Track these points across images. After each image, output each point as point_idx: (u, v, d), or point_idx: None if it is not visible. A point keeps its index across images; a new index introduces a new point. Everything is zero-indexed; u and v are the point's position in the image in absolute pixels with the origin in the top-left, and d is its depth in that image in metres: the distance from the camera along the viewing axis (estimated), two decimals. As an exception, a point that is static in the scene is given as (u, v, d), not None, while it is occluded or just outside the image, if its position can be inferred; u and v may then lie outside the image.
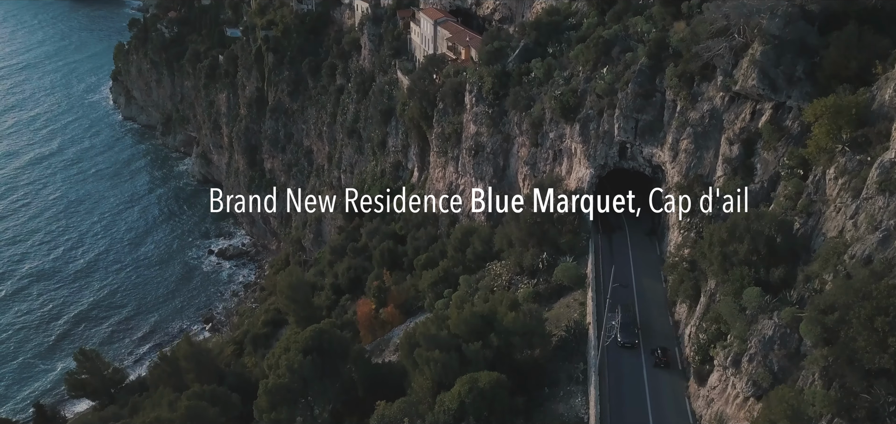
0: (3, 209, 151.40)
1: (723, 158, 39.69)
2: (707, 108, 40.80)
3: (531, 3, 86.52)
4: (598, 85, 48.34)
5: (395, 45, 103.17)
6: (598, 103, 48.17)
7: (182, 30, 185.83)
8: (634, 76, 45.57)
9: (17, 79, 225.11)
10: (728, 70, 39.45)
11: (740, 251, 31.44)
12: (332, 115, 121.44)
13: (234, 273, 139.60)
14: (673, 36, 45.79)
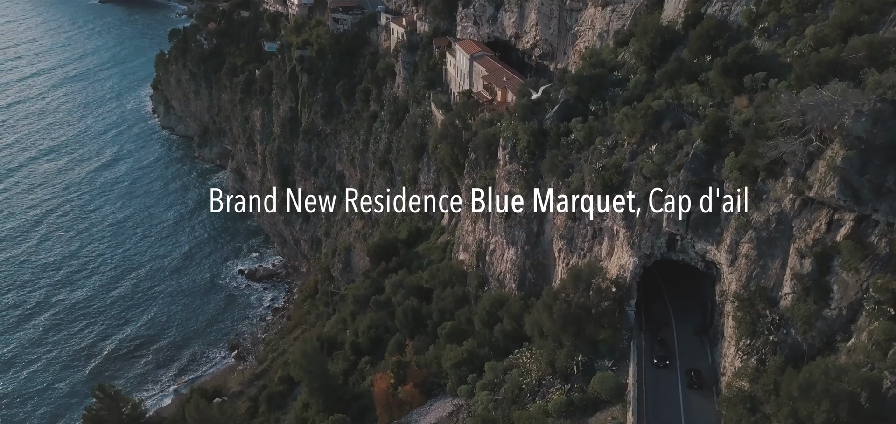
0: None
1: (792, 272, 33.99)
2: (773, 211, 35.12)
3: (573, 42, 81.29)
4: (646, 164, 42.90)
5: (429, 75, 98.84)
6: (645, 186, 42.74)
7: (221, 42, 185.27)
8: (688, 161, 40.05)
9: (71, 88, 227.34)
10: (801, 171, 33.77)
11: (817, 417, 25.96)
12: (365, 142, 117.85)
13: (263, 296, 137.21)
14: (734, 117, 40.10)
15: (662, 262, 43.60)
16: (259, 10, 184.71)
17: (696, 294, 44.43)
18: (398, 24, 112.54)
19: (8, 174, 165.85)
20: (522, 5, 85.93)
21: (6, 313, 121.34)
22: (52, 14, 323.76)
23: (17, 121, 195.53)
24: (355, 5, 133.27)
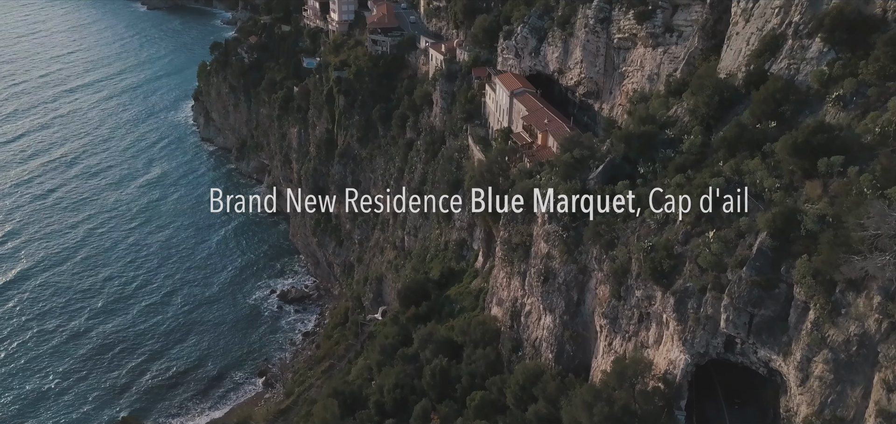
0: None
1: (877, 407, 29.16)
2: (855, 331, 30.33)
3: (620, 81, 76.67)
4: (702, 253, 38.32)
5: (467, 107, 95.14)
6: (701, 278, 38.17)
7: (261, 56, 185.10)
8: (751, 257, 35.40)
9: (117, 100, 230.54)
10: (889, 291, 28.99)
11: None
12: (400, 170, 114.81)
13: (295, 318, 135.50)
14: (806, 208, 35.32)
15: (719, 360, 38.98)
16: (299, 25, 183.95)
17: (757, 397, 39.63)
18: (437, 51, 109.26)
19: (51, 191, 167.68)
20: (567, 41, 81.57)
21: (45, 336, 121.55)
22: (98, 20, 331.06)
23: (66, 134, 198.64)
24: (395, 27, 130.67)
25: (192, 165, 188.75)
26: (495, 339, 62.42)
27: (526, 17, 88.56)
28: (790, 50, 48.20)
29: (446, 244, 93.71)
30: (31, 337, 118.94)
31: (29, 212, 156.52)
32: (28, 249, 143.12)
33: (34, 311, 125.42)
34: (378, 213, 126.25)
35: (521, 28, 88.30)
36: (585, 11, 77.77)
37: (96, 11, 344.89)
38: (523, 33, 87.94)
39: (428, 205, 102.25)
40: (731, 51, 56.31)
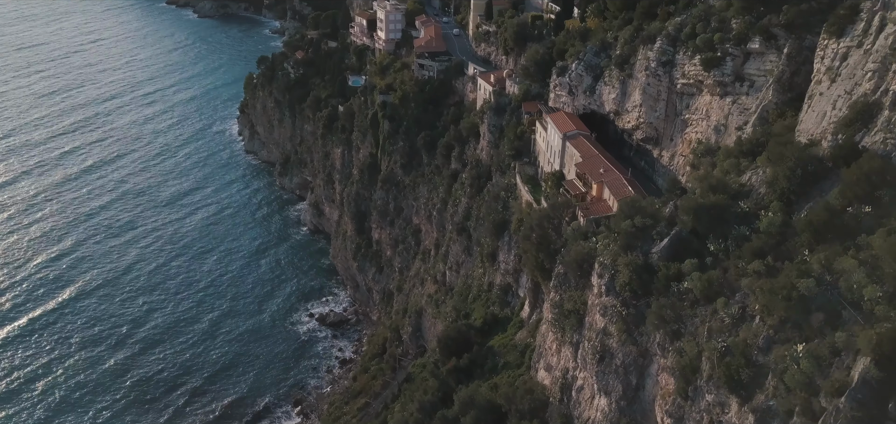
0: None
1: None
2: None
3: (683, 129, 71.69)
4: (789, 370, 33.59)
5: (516, 144, 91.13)
6: (787, 398, 33.40)
7: (307, 72, 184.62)
8: (852, 387, 30.60)
9: (169, 110, 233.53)
10: None
11: None
12: (444, 201, 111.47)
13: (332, 344, 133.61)
14: (920, 331, 30.34)
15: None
16: (346, 42, 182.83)
17: None
18: (486, 81, 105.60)
19: (103, 208, 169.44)
20: (625, 82, 76.87)
21: (89, 351, 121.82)
22: (151, 29, 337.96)
23: (119, 148, 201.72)
24: (443, 51, 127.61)
25: (236, 180, 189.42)
26: (542, 411, 58.22)
27: (581, 53, 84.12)
28: (887, 122, 42.87)
29: (490, 285, 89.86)
30: (77, 363, 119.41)
31: (81, 229, 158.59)
32: (79, 268, 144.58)
33: (82, 336, 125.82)
34: (419, 243, 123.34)
35: (575, 65, 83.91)
36: (647, 53, 73.00)
37: (149, 19, 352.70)
38: (578, 71, 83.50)
39: (471, 242, 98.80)
40: (813, 113, 51.02)
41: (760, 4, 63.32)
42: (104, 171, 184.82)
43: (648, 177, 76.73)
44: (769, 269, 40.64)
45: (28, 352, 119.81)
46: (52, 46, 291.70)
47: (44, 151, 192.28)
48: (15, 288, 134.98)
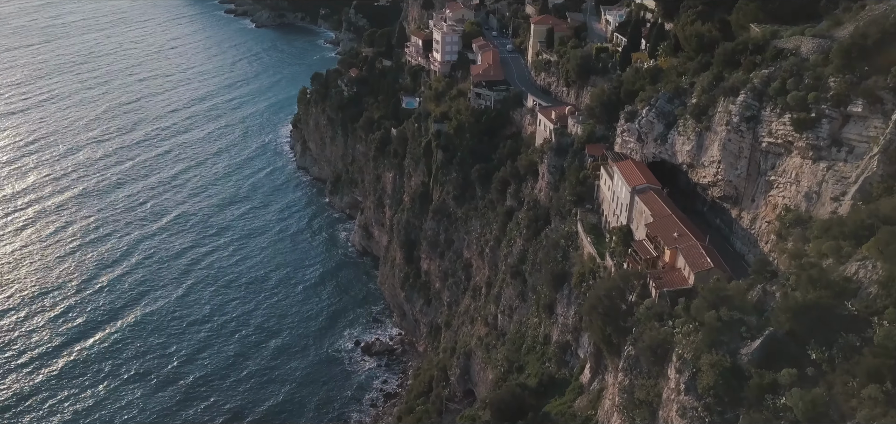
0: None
1: None
2: None
3: (766, 190, 65.51)
4: None
5: (578, 189, 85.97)
6: None
7: (360, 90, 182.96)
8: None
9: (233, 122, 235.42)
10: None
11: None
12: (497, 239, 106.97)
13: (376, 374, 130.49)
14: None
15: None
16: (401, 61, 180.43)
17: None
18: (547, 117, 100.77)
19: (161, 215, 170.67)
20: (702, 134, 71.03)
21: (146, 377, 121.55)
22: (212, 38, 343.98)
23: (181, 157, 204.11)
24: (501, 81, 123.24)
25: (286, 197, 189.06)
26: (607, 500, 53.27)
27: (653, 98, 78.59)
28: None
29: (546, 338, 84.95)
30: (128, 379, 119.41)
31: (140, 239, 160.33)
32: (134, 278, 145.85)
33: (135, 348, 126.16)
34: (470, 278, 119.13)
35: (646, 111, 78.41)
36: (728, 105, 67.11)
37: (209, 30, 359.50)
38: (649, 117, 77.96)
39: (526, 287, 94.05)
40: (929, 191, 44.88)
41: (863, 63, 56.96)
42: (166, 188, 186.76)
43: (725, 237, 70.68)
44: (889, 398, 34.95)
45: (82, 377, 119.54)
46: (116, 58, 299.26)
47: (107, 168, 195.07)
48: (71, 312, 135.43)
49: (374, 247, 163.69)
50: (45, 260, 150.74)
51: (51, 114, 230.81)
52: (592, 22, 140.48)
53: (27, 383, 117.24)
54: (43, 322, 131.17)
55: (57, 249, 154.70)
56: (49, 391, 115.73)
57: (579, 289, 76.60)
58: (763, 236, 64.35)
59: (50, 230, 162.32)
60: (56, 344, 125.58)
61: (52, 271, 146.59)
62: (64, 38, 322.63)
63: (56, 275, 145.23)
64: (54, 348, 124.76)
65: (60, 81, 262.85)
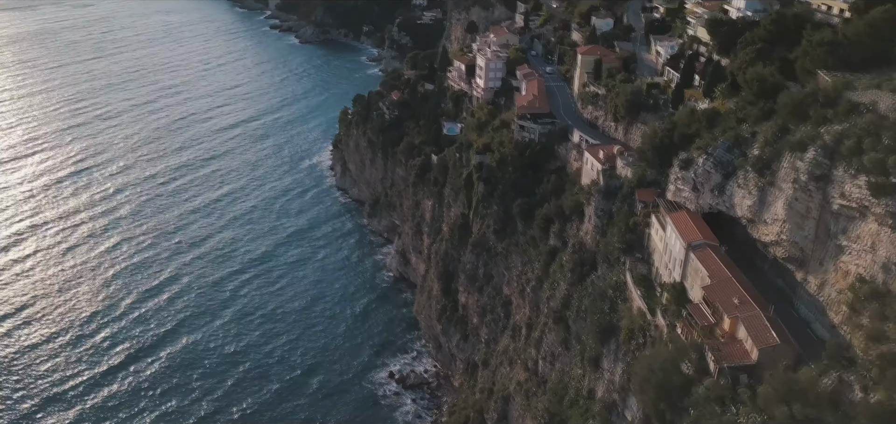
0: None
1: None
2: None
3: (836, 254, 60.55)
4: None
5: (628, 236, 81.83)
6: None
7: (402, 113, 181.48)
8: None
9: (276, 139, 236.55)
10: None
11: None
12: (539, 279, 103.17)
13: (411, 408, 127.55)
14: None
15: None
16: (443, 85, 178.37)
17: None
18: (594, 156, 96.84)
19: (206, 239, 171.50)
20: (764, 190, 66.39)
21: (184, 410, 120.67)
22: (257, 54, 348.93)
23: (225, 176, 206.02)
24: (546, 114, 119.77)
25: (325, 218, 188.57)
26: None
27: (710, 147, 74.21)
28: None
29: (590, 393, 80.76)
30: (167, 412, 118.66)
31: (183, 265, 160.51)
32: (177, 306, 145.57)
33: (174, 381, 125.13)
34: (509, 316, 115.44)
35: (703, 161, 74.06)
36: (795, 162, 62.47)
37: (256, 45, 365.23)
38: (706, 167, 73.60)
39: (570, 335, 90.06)
40: None
41: (953, 125, 52.12)
42: (213, 208, 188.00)
43: (788, 300, 65.84)
44: None
45: (120, 409, 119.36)
46: (165, 74, 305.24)
47: (153, 189, 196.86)
48: (112, 339, 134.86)
49: (410, 273, 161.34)
50: (90, 282, 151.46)
51: (101, 131, 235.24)
52: (642, 52, 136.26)
53: (66, 413, 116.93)
54: (84, 348, 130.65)
55: (100, 272, 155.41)
56: (88, 420, 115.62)
57: (628, 346, 72.57)
58: (832, 305, 59.42)
59: (97, 251, 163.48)
60: (96, 372, 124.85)
61: (96, 295, 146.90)
62: (115, 54, 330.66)
63: (99, 299, 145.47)
64: (95, 376, 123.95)
65: (110, 98, 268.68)
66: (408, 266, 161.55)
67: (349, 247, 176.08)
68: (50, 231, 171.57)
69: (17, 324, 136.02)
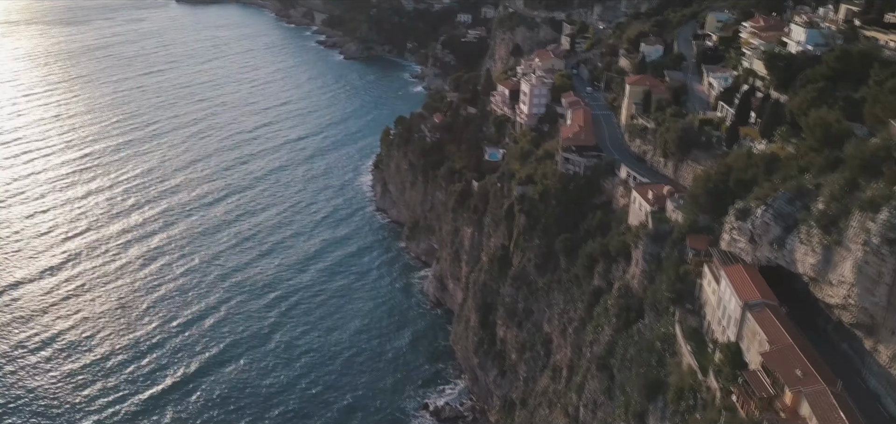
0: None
1: None
2: None
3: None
4: None
5: (677, 286, 77.69)
6: None
7: (443, 137, 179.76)
8: None
9: (322, 159, 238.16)
10: None
11: None
12: (582, 320, 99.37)
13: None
14: None
15: None
16: (486, 109, 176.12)
17: None
18: (643, 196, 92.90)
19: (248, 265, 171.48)
20: (830, 249, 61.68)
21: None
22: (304, 71, 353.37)
23: (269, 198, 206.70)
24: (592, 146, 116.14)
25: (364, 238, 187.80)
26: None
27: (769, 198, 69.75)
28: None
29: (633, 446, 76.61)
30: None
31: (228, 285, 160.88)
32: (223, 329, 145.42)
33: (217, 412, 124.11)
34: (549, 355, 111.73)
35: (762, 212, 69.61)
36: (866, 222, 57.74)
37: (302, 61, 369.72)
38: (764, 219, 69.14)
39: (613, 384, 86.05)
40: None
41: None
42: (250, 225, 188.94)
43: (855, 368, 60.96)
44: None
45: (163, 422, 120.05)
46: (216, 89, 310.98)
47: (201, 209, 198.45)
48: (155, 351, 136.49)
49: (447, 300, 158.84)
50: (137, 304, 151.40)
51: (151, 149, 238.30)
52: (693, 83, 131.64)
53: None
54: (127, 374, 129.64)
55: (147, 294, 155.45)
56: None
57: (677, 406, 68.46)
58: (907, 381, 54.69)
59: (143, 272, 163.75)
60: (138, 399, 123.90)
61: (141, 318, 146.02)
62: (166, 70, 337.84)
63: (144, 323, 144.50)
64: (135, 403, 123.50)
65: (160, 114, 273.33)
66: (445, 292, 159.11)
67: (387, 271, 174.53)
68: (100, 250, 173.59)
69: (64, 346, 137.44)
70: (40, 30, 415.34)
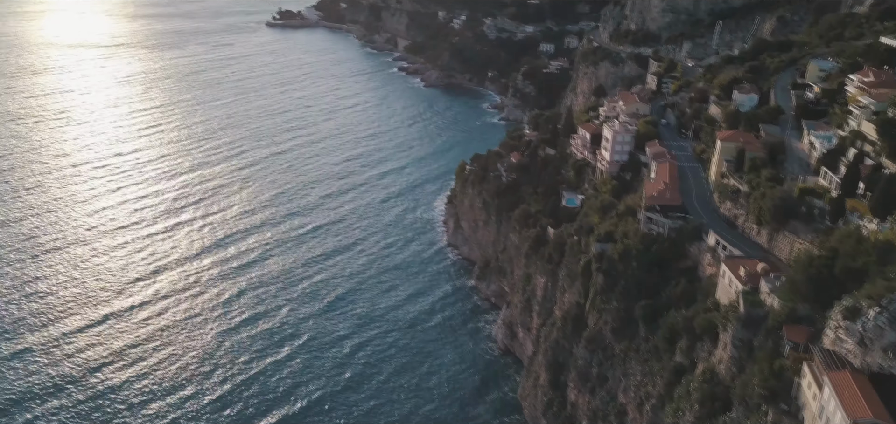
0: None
1: None
2: None
3: None
4: None
5: (771, 382, 70.24)
6: None
7: (520, 177, 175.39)
8: None
9: (405, 195, 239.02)
10: None
11: None
12: (661, 398, 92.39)
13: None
14: None
15: None
16: (565, 152, 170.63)
17: None
18: (734, 273, 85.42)
19: (341, 300, 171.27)
20: (961, 369, 53.72)
21: None
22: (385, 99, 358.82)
23: (354, 233, 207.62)
24: (677, 207, 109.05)
25: (435, 276, 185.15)
26: None
27: (884, 298, 61.84)
28: None
29: None
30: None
31: (302, 316, 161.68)
32: (295, 363, 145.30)
33: None
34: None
35: (875, 314, 61.81)
36: None
37: (383, 88, 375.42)
38: (878, 322, 61.31)
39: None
40: None
41: None
42: (334, 260, 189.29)
43: None
44: None
45: None
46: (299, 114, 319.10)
47: (278, 236, 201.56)
48: (229, 383, 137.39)
49: (516, 348, 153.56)
50: (214, 332, 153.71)
51: (239, 179, 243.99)
52: (792, 139, 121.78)
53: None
54: (201, 405, 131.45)
55: (224, 321, 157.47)
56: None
57: None
58: None
59: (222, 300, 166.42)
60: None
61: (218, 347, 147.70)
62: (253, 94, 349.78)
63: (220, 352, 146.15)
64: None
65: (246, 142, 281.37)
66: (514, 340, 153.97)
67: (457, 311, 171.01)
68: (180, 274, 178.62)
69: (143, 371, 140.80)
70: (140, 53, 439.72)
